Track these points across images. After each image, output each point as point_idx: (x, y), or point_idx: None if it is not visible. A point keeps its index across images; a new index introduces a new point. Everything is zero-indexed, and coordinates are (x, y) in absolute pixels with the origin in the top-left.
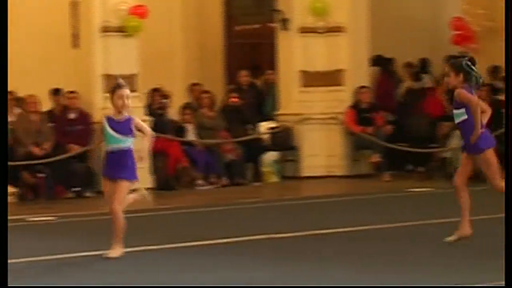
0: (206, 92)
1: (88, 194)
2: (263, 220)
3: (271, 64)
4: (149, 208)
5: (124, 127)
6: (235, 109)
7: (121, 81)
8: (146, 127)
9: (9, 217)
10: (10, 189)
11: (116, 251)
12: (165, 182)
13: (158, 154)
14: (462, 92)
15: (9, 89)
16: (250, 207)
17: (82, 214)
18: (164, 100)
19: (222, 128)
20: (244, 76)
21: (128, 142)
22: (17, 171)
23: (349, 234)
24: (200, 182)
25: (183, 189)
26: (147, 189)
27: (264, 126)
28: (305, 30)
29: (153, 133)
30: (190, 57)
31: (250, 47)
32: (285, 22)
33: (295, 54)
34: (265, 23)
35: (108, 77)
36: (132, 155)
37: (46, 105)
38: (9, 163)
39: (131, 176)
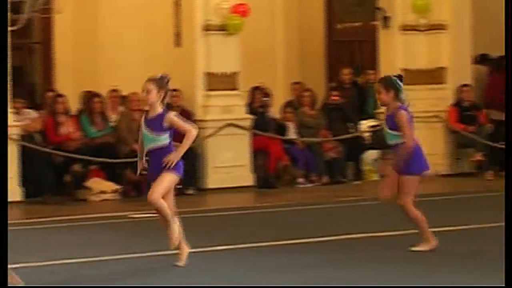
0: (307, 90)
1: (190, 192)
2: (363, 219)
3: (373, 62)
4: (250, 206)
5: (154, 124)
6: (336, 108)
7: (160, 76)
8: (185, 125)
9: (112, 214)
10: (114, 186)
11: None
12: (266, 180)
13: (259, 152)
14: (404, 117)
15: (113, 88)
16: (350, 205)
17: (183, 211)
18: (265, 99)
19: (323, 126)
20: (346, 74)
21: (161, 141)
22: (120, 169)
23: (449, 233)
24: (300, 180)
25: (284, 187)
26: (247, 187)
27: (365, 125)
28: (406, 28)
29: (195, 132)
30: (291, 55)
31: (351, 45)
32: (386, 20)
33: (396, 52)
34: (366, 21)
35: (209, 75)
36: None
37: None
38: (113, 160)
39: (174, 169)
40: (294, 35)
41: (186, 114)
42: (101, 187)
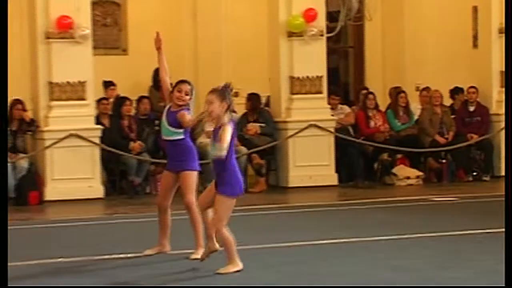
0: None
1: (485, 178)
2: None
3: None
4: None
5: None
6: None
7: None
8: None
9: (415, 197)
10: (418, 173)
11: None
12: None
13: None
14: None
15: (417, 85)
16: None
17: (478, 195)
18: None
19: None
20: None
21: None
22: (423, 157)
23: None
24: None
25: None
26: None
27: None
28: None
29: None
30: None
31: None
32: None
33: None
34: None
35: (502, 73)
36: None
37: (448, 100)
38: (416, 150)
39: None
40: None
41: (482, 109)
42: (406, 173)
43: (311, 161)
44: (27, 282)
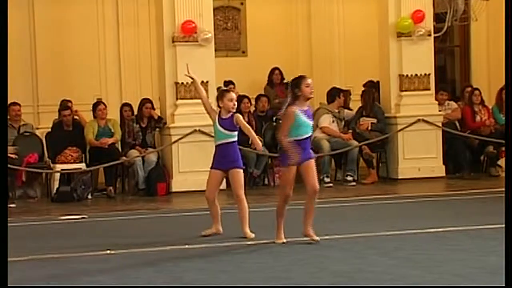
0: None
1: None
2: None
3: None
4: None
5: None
6: None
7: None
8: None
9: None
10: None
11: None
12: None
13: None
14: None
15: None
16: None
17: None
18: None
19: None
20: None
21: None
22: None
23: None
24: None
25: None
26: None
27: None
28: None
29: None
30: None
31: None
32: None
33: None
34: None
35: None
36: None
37: None
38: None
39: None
40: None
41: None
42: None
43: (419, 153)
44: (163, 265)
